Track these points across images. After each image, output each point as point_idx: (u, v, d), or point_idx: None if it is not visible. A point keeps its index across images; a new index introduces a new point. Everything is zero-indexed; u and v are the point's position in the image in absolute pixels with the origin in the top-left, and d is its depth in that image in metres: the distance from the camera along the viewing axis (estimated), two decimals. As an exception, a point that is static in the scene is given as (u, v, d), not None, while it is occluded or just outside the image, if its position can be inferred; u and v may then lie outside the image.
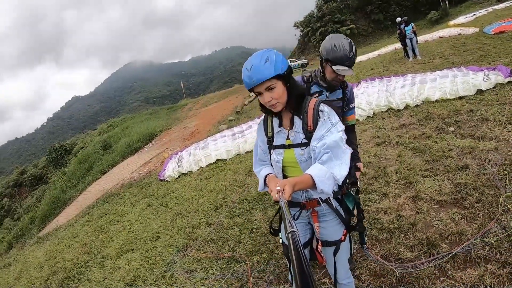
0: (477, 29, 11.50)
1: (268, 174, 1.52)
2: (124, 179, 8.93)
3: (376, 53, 16.61)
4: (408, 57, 10.74)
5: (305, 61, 32.50)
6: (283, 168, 1.51)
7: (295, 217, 1.52)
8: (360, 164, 2.24)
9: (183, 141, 10.69)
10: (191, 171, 6.72)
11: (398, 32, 11.42)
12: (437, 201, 2.77)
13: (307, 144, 1.42)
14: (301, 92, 1.47)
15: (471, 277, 1.94)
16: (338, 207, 1.55)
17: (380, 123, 5.24)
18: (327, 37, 2.02)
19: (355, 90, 7.20)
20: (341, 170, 1.33)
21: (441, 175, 3.14)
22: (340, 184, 1.36)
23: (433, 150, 3.66)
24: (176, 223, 4.35)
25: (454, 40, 11.39)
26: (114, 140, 15.96)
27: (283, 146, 1.48)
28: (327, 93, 2.05)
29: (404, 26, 10.84)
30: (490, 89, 5.00)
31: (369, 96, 6.42)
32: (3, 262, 6.96)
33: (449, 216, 2.53)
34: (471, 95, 4.99)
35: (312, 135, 1.40)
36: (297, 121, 1.45)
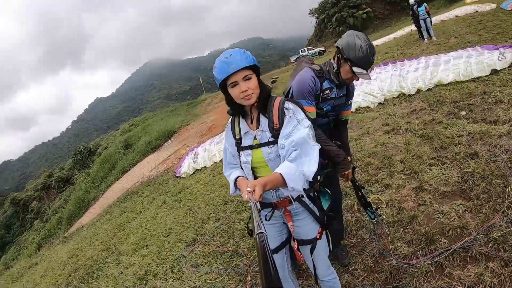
0: (494, 5, 10.82)
1: (238, 176, 1.51)
2: (143, 177, 9.22)
3: (391, 36, 16.02)
4: (423, 38, 10.30)
5: (322, 48, 31.82)
6: (252, 169, 1.50)
7: (268, 218, 1.52)
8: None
9: (201, 136, 10.85)
10: (205, 167, 6.82)
11: (411, 13, 10.99)
12: (441, 192, 2.64)
13: (274, 143, 1.41)
14: (268, 91, 1.46)
15: (469, 275, 1.84)
16: (311, 205, 1.54)
17: (390, 109, 5.06)
18: (349, 34, 1.85)
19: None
20: (311, 166, 1.32)
21: (449, 164, 2.99)
22: (311, 180, 1.34)
23: (442, 137, 3.48)
24: (188, 218, 4.45)
25: (470, 18, 10.79)
26: (134, 139, 16.45)
27: (250, 147, 1.48)
28: (336, 90, 1.98)
29: (417, 7, 10.40)
30: (505, 68, 4.67)
31: (381, 82, 6.21)
32: (31, 262, 7.47)
33: (453, 208, 2.41)
34: (485, 76, 4.69)
35: (279, 133, 1.39)
36: (263, 120, 1.44)
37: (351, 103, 2.12)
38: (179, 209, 5.00)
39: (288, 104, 1.43)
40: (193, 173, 6.85)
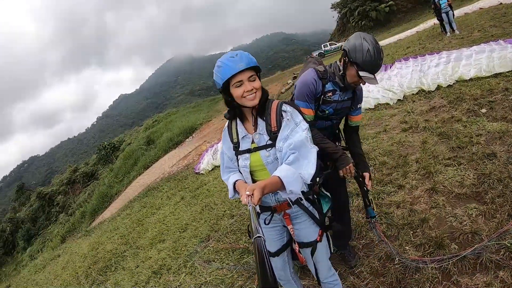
0: (519, -3, 10.11)
1: (237, 180, 1.51)
2: (164, 173, 9.46)
3: (414, 30, 15.43)
4: (446, 32, 9.88)
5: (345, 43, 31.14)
6: (251, 173, 1.50)
7: (267, 222, 1.53)
8: (366, 174, 2.00)
9: (221, 132, 10.98)
10: (224, 163, 6.92)
11: (433, 6, 10.58)
12: (455, 194, 2.55)
13: (272, 145, 1.41)
14: (267, 94, 1.48)
15: (477, 284, 1.78)
16: (311, 208, 1.53)
17: (409, 106, 4.91)
18: (357, 36, 1.78)
19: (388, 72, 6.81)
20: (309, 169, 1.32)
21: (465, 164, 2.88)
22: (309, 183, 1.34)
23: (461, 136, 3.35)
24: (204, 215, 4.55)
25: (494, 10, 10.21)
26: (157, 135, 16.82)
27: (248, 150, 1.47)
28: (340, 93, 1.92)
29: (439, 0, 10.01)
30: (529, 63, 4.39)
31: (402, 78, 6.04)
32: (54, 254, 7.88)
33: (466, 212, 2.32)
34: (507, 72, 4.43)
35: (277, 136, 1.39)
36: (261, 123, 1.45)
37: (360, 107, 2.04)
38: (196, 205, 5.11)
39: (285, 107, 1.43)
40: (212, 169, 6.94)
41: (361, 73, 1.73)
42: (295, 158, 1.32)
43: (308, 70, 1.94)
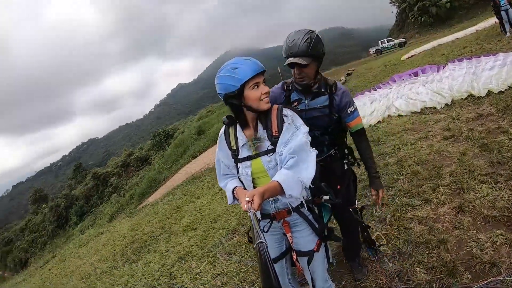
0: None
1: (235, 186, 1.49)
2: (209, 163, 9.83)
3: (473, 28, 14.06)
4: (505, 32, 8.81)
5: (403, 40, 29.43)
6: (253, 180, 1.47)
7: (266, 229, 1.52)
8: (375, 192, 1.90)
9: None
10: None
11: (492, 3, 9.40)
12: (483, 216, 2.34)
13: (273, 150, 1.41)
14: None
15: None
16: (310, 217, 1.52)
17: (456, 112, 4.52)
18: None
19: (440, 74, 6.27)
20: (308, 173, 1.33)
21: (502, 183, 2.61)
22: (308, 186, 1.35)
23: (504, 150, 3.03)
24: (235, 208, 4.67)
25: None
26: (208, 126, 17.39)
27: (249, 158, 1.45)
28: (306, 101, 1.81)
29: None
30: None
31: (453, 81, 5.58)
32: (98, 231, 8.71)
33: (490, 238, 2.13)
34: None
35: (278, 140, 1.39)
36: (262, 128, 1.44)
37: (352, 111, 1.82)
38: (231, 198, 5.33)
39: (286, 111, 1.45)
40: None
41: (287, 62, 1.68)
42: (294, 162, 1.32)
43: (278, 84, 1.91)
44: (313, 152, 1.39)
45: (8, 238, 45.85)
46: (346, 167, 2.00)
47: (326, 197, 1.55)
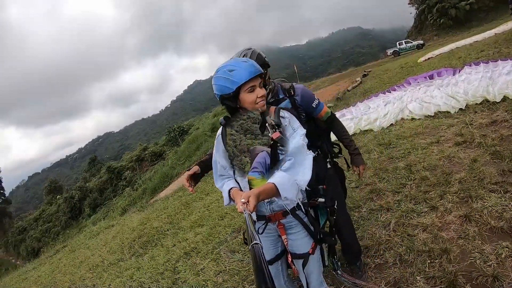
0: None
1: (232, 188, 1.49)
2: (220, 161, 9.95)
3: (492, 31, 13.49)
4: None
5: (421, 42, 28.80)
6: (248, 182, 1.50)
7: (261, 231, 1.53)
8: (356, 168, 2.08)
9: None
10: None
11: (510, 6, 8.98)
12: (490, 226, 2.28)
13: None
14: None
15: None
16: (306, 219, 1.52)
17: (469, 118, 4.40)
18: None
19: (456, 77, 6.11)
20: (304, 175, 1.33)
21: (512, 193, 2.54)
22: (303, 189, 1.36)
23: (516, 158, 2.92)
24: None
25: None
26: None
27: None
28: None
29: None
30: None
31: (468, 85, 5.43)
32: (109, 224, 8.88)
33: (495, 250, 2.07)
34: None
35: None
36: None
37: (316, 104, 1.94)
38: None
39: (283, 113, 1.45)
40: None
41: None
42: (291, 164, 1.33)
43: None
44: (310, 155, 1.39)
45: (22, 227, 46.92)
46: (329, 166, 2.09)
47: (321, 200, 1.55)
